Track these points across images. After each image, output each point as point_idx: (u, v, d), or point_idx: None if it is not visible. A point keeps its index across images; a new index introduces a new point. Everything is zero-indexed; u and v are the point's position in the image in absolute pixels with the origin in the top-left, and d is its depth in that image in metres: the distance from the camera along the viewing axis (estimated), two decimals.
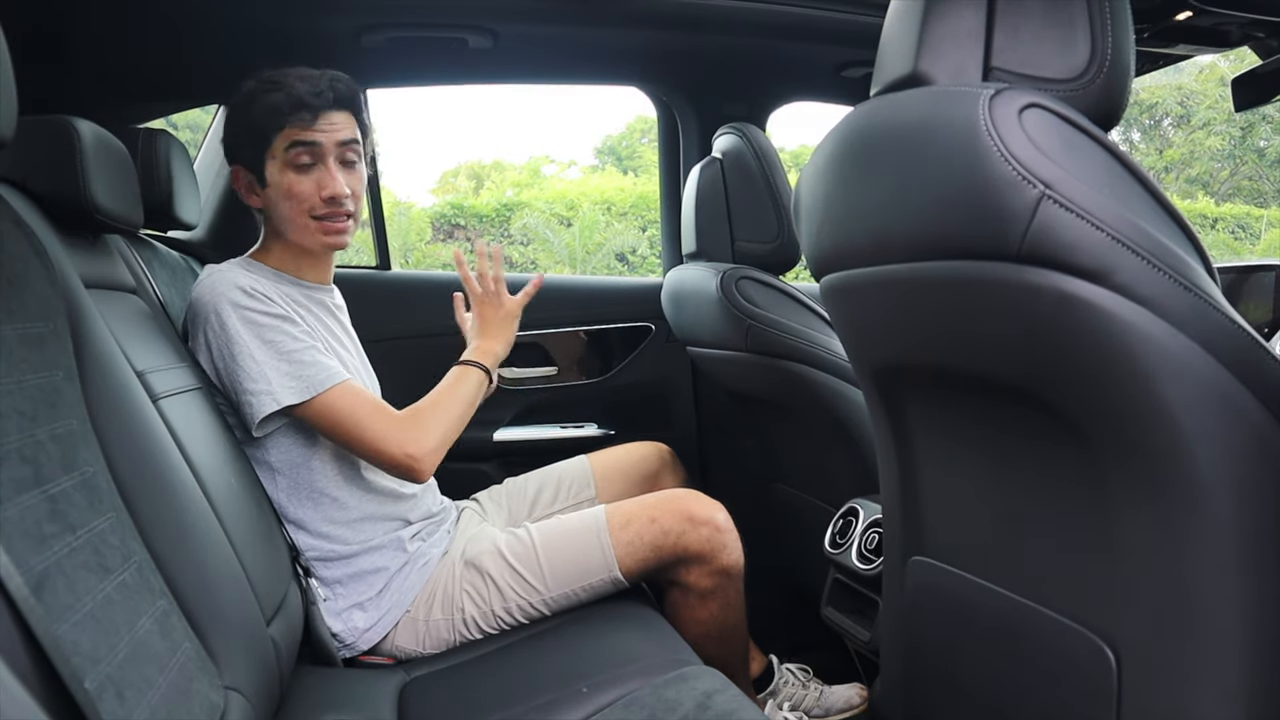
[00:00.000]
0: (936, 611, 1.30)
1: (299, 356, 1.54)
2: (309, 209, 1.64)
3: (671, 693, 1.27)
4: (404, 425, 1.58)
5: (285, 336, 1.55)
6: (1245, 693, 0.90)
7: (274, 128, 1.61)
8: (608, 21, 2.20)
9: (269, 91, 1.60)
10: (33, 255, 1.04)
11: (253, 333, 1.53)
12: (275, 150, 1.62)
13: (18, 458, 0.88)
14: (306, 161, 1.62)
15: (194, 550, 1.16)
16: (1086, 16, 0.98)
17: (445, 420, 1.63)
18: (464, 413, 1.67)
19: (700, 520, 1.66)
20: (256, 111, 1.61)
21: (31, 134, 1.02)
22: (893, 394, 1.29)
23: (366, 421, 1.56)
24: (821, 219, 1.23)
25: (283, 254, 1.72)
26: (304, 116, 1.60)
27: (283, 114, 1.60)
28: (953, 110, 0.94)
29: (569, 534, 1.70)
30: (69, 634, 0.82)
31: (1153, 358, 0.86)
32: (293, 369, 1.53)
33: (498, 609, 1.65)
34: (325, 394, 1.54)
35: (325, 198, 1.64)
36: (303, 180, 1.63)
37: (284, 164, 1.62)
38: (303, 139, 1.61)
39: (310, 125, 1.61)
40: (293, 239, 1.68)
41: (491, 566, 1.67)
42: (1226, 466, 0.88)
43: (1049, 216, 0.87)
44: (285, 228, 1.67)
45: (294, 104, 1.60)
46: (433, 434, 1.60)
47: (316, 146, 1.62)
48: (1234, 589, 0.89)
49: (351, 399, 1.56)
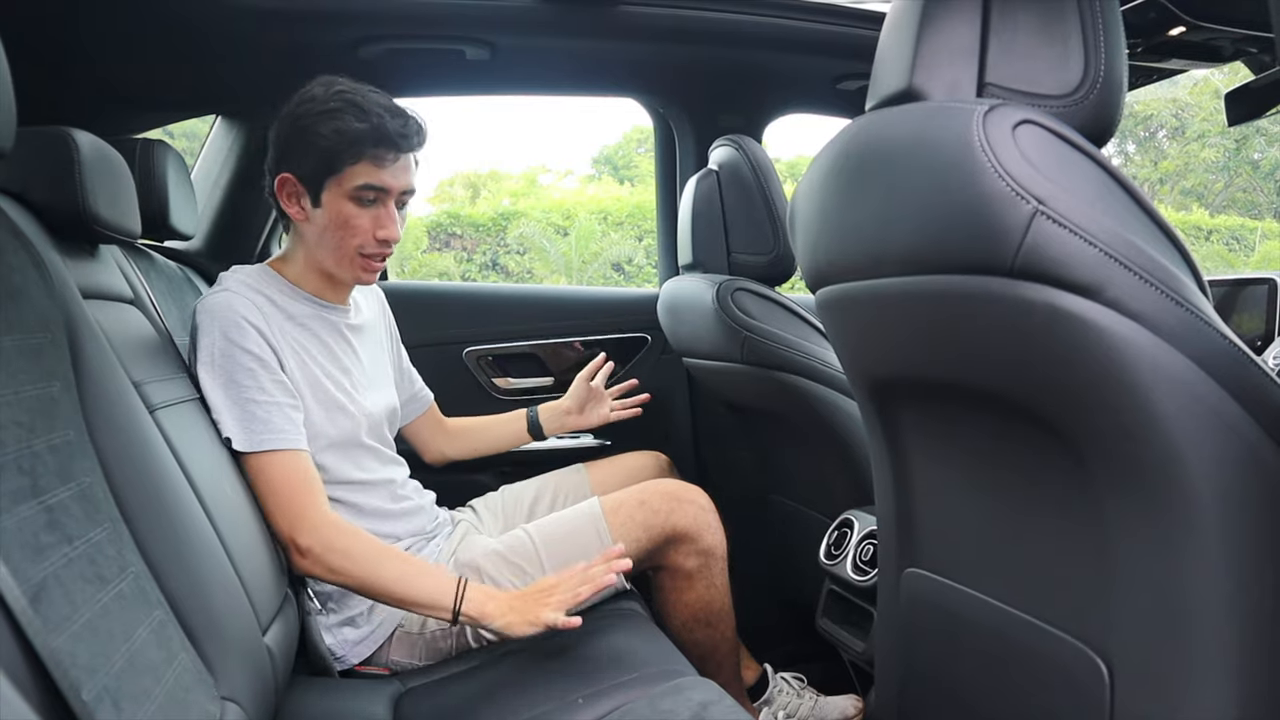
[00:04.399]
0: (931, 623, 1.30)
1: (254, 410, 1.50)
2: (359, 245, 1.60)
3: (667, 703, 1.28)
4: (318, 520, 1.50)
5: (253, 384, 1.51)
6: (1236, 703, 0.90)
7: (350, 158, 1.55)
8: (605, 34, 2.21)
9: (353, 117, 1.53)
10: (30, 266, 1.04)
11: (226, 369, 1.50)
12: (342, 179, 1.56)
13: (15, 469, 0.88)
14: (370, 199, 1.58)
15: (190, 560, 1.16)
16: (1080, 33, 0.99)
17: (368, 571, 1.49)
18: (389, 592, 1.50)
19: (685, 499, 1.72)
20: (332, 133, 1.54)
21: (30, 144, 1.02)
22: (887, 406, 1.29)
23: (281, 496, 1.50)
24: (817, 232, 1.23)
25: (306, 271, 1.68)
26: (386, 157, 1.55)
27: (364, 147, 1.54)
28: (947, 126, 0.95)
29: (565, 524, 1.72)
30: (66, 645, 0.82)
31: (1145, 372, 0.87)
32: (244, 417, 1.50)
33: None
34: (263, 454, 1.50)
35: (379, 238, 1.61)
36: (361, 215, 1.58)
37: (346, 194, 1.57)
38: (376, 182, 1.57)
39: (387, 167, 1.56)
40: (328, 265, 1.64)
41: (488, 565, 1.66)
42: (1218, 479, 0.88)
43: (1042, 232, 0.87)
44: (324, 253, 1.63)
45: (379, 140, 1.54)
46: (346, 558, 1.49)
47: (390, 192, 1.59)
48: (1225, 601, 0.89)
49: (285, 470, 1.50)
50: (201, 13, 1.90)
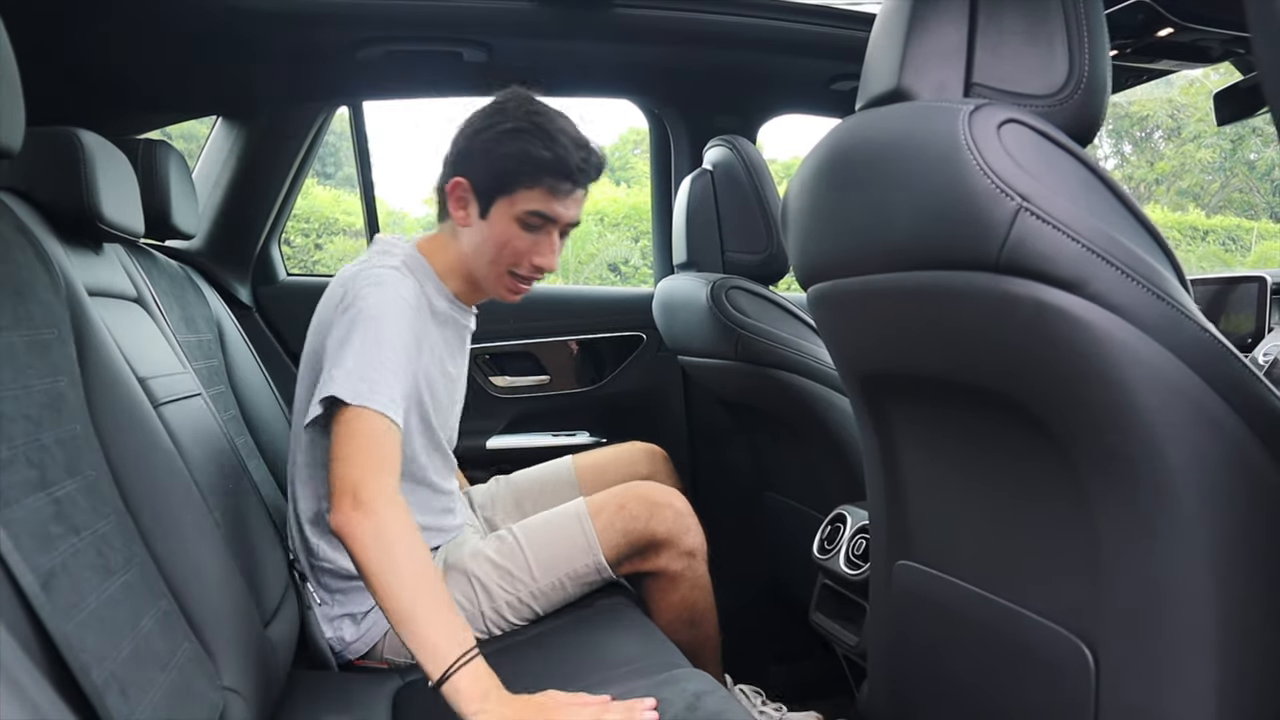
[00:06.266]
0: (921, 615, 1.32)
1: (371, 373, 1.40)
2: (512, 266, 1.60)
3: (663, 693, 1.29)
4: (388, 492, 1.35)
5: (383, 355, 1.43)
6: (1216, 689, 0.92)
7: (527, 181, 1.54)
8: (600, 36, 2.23)
9: (539, 143, 1.52)
10: (38, 263, 1.06)
11: (366, 331, 1.43)
12: (515, 200, 1.55)
13: (24, 461, 0.90)
14: (534, 225, 1.57)
15: (193, 553, 1.18)
16: (1064, 35, 1.01)
17: (395, 570, 1.29)
18: (398, 606, 1.27)
19: (661, 504, 1.71)
20: (514, 154, 1.52)
21: (36, 145, 1.04)
22: (878, 401, 1.31)
23: (363, 449, 1.37)
24: (808, 230, 1.25)
25: (454, 269, 1.66)
26: (562, 187, 1.54)
27: (541, 175, 1.53)
28: (934, 125, 0.97)
29: (550, 524, 1.71)
30: (75, 632, 0.84)
31: (1127, 364, 0.89)
32: (359, 374, 1.40)
33: (487, 610, 1.64)
34: (361, 409, 1.38)
35: (535, 264, 1.60)
36: (523, 239, 1.57)
37: (514, 216, 1.56)
38: (546, 211, 1.56)
39: (560, 198, 1.55)
40: (478, 274, 1.64)
41: (476, 568, 1.66)
42: (1199, 470, 0.90)
43: (1026, 228, 0.89)
44: (477, 265, 1.62)
45: (558, 170, 1.53)
46: (388, 543, 1.30)
47: (558, 221, 1.58)
48: (1206, 589, 0.91)
49: (376, 431, 1.38)
50: (203, 15, 1.92)
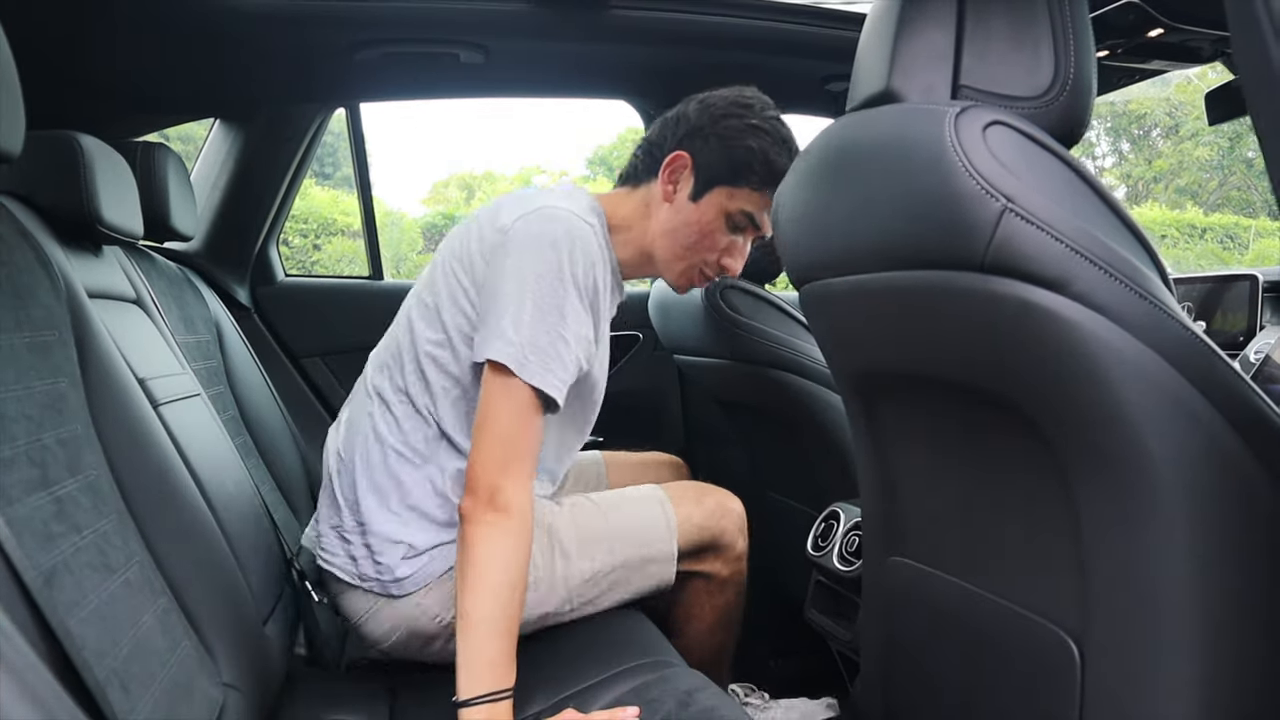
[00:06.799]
0: (913, 610, 1.33)
1: (545, 342, 1.34)
2: (702, 261, 1.56)
3: (654, 692, 1.30)
4: (528, 492, 1.33)
5: (564, 322, 1.35)
6: (1200, 683, 0.93)
7: (755, 182, 1.50)
8: (597, 37, 2.24)
9: (779, 149, 1.50)
10: (38, 266, 1.07)
11: (549, 293, 1.35)
12: (735, 194, 1.51)
13: (26, 460, 0.91)
14: (740, 225, 1.54)
15: (193, 551, 1.19)
16: (1050, 39, 1.02)
17: (492, 586, 1.27)
18: (474, 615, 1.26)
19: (730, 508, 1.71)
20: (756, 151, 1.49)
21: (36, 148, 1.05)
22: (869, 399, 1.33)
23: (514, 431, 1.32)
24: (800, 230, 1.27)
25: (632, 239, 1.57)
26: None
27: (771, 181, 1.47)
28: (921, 127, 0.98)
29: (631, 500, 1.66)
30: (77, 629, 0.85)
31: (1110, 362, 0.90)
32: (532, 341, 1.33)
33: (559, 575, 1.54)
34: (524, 384, 1.32)
35: (723, 264, 1.57)
36: (723, 236, 1.54)
37: (725, 209, 1.52)
38: (757, 217, 1.53)
39: (770, 210, 1.45)
40: (661, 254, 1.56)
41: (560, 527, 1.56)
42: (1182, 467, 0.91)
43: (1011, 228, 0.91)
44: (668, 245, 1.55)
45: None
46: (508, 556, 1.28)
47: (760, 229, 1.55)
48: (1187, 584, 0.92)
49: (532, 412, 1.34)
50: (200, 17, 1.93)
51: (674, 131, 1.56)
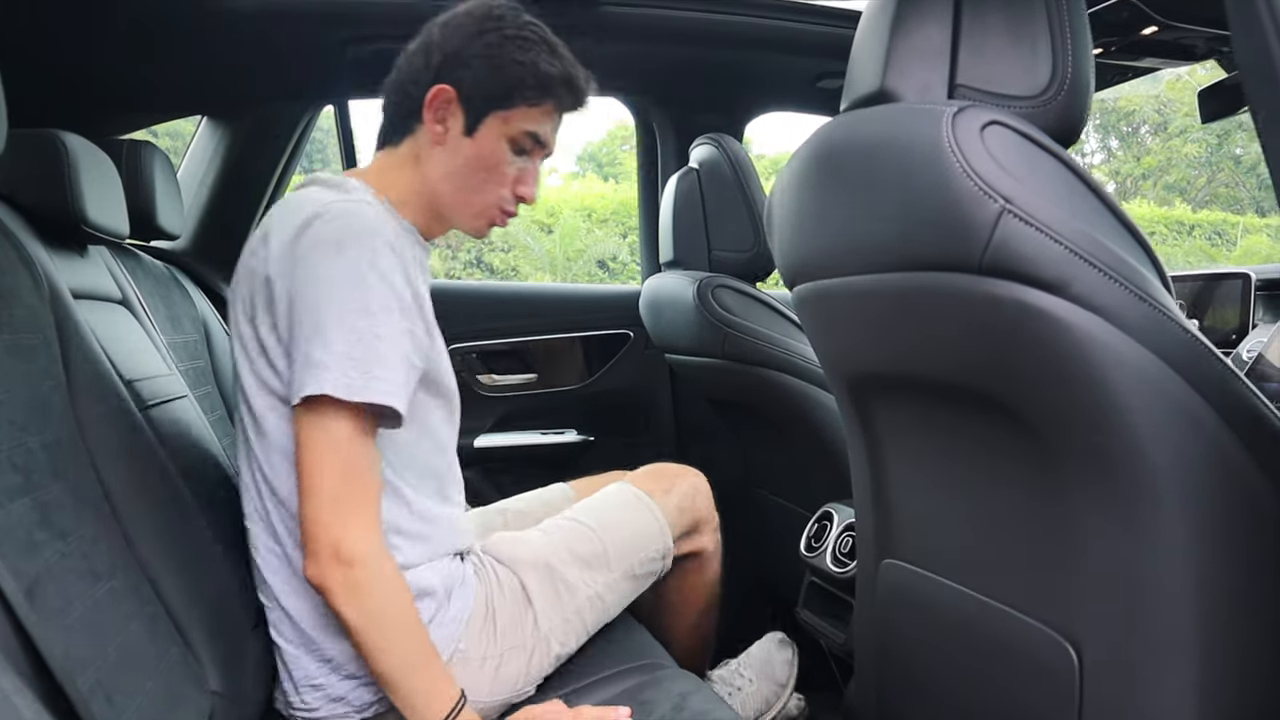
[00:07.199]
0: (908, 613, 1.33)
1: (369, 351, 1.16)
2: (501, 197, 1.38)
3: (647, 695, 1.30)
4: (375, 535, 1.18)
5: (377, 320, 1.18)
6: (1198, 687, 0.93)
7: (531, 97, 1.33)
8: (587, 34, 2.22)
9: (548, 56, 1.33)
10: (21, 267, 1.06)
11: (352, 299, 1.17)
12: (511, 117, 1.33)
13: (9, 466, 0.90)
14: (525, 148, 1.37)
15: (181, 557, 1.18)
16: (1048, 37, 1.01)
17: (389, 636, 1.16)
18: (388, 669, 1.16)
19: (698, 486, 1.71)
20: (523, 64, 1.32)
21: (20, 147, 1.03)
22: (863, 400, 1.32)
23: (350, 473, 1.16)
24: (793, 230, 1.26)
25: (413, 201, 1.38)
26: (563, 109, 1.38)
27: (549, 92, 1.34)
28: (917, 127, 0.97)
29: (612, 508, 1.58)
30: (61, 638, 0.84)
31: (1109, 365, 0.89)
32: (352, 355, 1.15)
33: (570, 614, 1.45)
34: (344, 412, 1.15)
35: (518, 194, 1.39)
36: (511, 164, 1.36)
37: (506, 135, 1.34)
38: (541, 134, 1.37)
39: (555, 120, 1.38)
40: (447, 203, 1.38)
41: (559, 563, 1.46)
42: (1180, 470, 0.91)
43: (1009, 230, 0.90)
44: (451, 192, 1.37)
45: (567, 90, 1.36)
46: (382, 608, 1.16)
47: (546, 147, 1.40)
48: (1186, 587, 0.92)
49: (356, 446, 1.17)
50: (187, 13, 1.91)
51: (425, 64, 1.34)
